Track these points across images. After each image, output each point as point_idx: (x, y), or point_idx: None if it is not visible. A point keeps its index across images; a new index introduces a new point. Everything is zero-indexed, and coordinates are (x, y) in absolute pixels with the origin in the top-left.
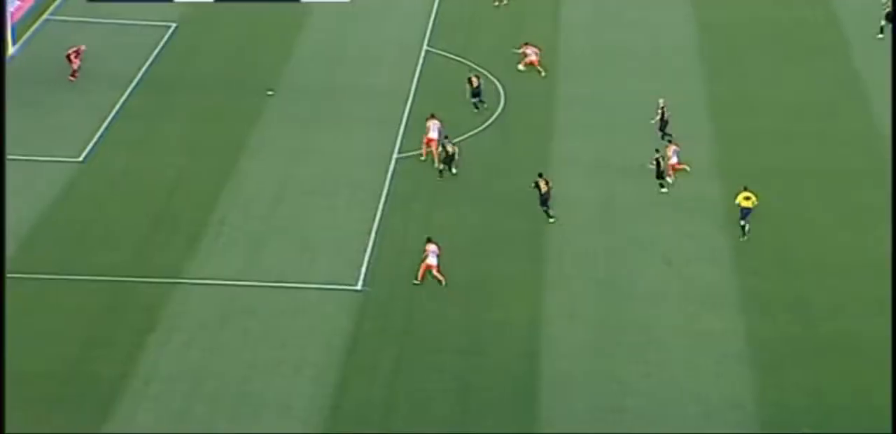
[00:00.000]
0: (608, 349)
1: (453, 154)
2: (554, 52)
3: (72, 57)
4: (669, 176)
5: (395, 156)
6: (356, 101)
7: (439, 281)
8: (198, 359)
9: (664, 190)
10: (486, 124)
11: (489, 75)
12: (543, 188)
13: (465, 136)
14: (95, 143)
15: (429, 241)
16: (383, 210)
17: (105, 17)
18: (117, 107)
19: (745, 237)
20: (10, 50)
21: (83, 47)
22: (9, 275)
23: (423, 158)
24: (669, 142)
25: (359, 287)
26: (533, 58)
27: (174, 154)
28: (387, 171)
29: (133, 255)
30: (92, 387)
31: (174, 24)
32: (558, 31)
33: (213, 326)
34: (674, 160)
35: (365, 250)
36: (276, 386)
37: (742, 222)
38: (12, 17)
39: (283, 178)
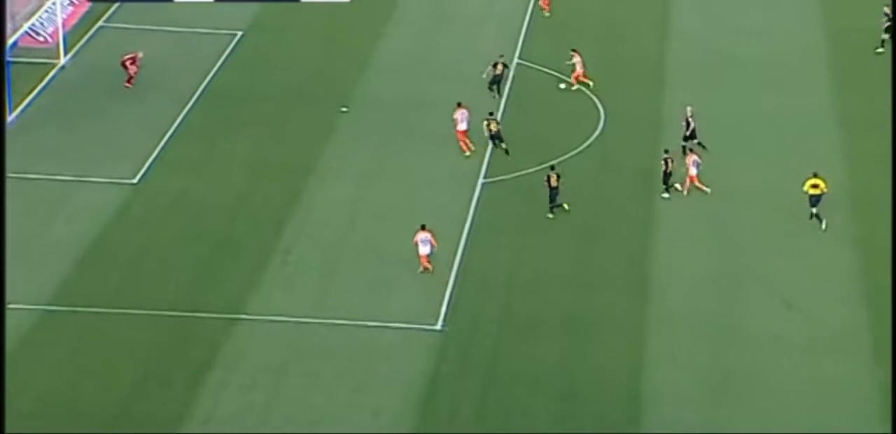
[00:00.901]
0: (717, 397)
1: (498, 132)
2: (660, 64)
3: (127, 64)
4: (686, 189)
5: (480, 180)
6: (439, 119)
7: (426, 269)
8: (261, 401)
9: (665, 196)
10: (585, 146)
11: (585, 90)
12: (554, 183)
13: (562, 158)
14: (151, 163)
15: (422, 228)
16: (467, 240)
17: (164, 25)
18: (176, 123)
19: (823, 227)
20: (62, 59)
21: (140, 54)
22: (57, 307)
23: (467, 154)
24: (690, 151)
25: (439, 326)
26: (579, 70)
27: (237, 175)
28: (471, 197)
29: (191, 287)
30: (146, 429)
31: (240, 33)
32: (666, 39)
33: (278, 367)
34: (693, 172)
35: (446, 285)
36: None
37: (813, 210)
38: (64, 24)
39: (356, 202)
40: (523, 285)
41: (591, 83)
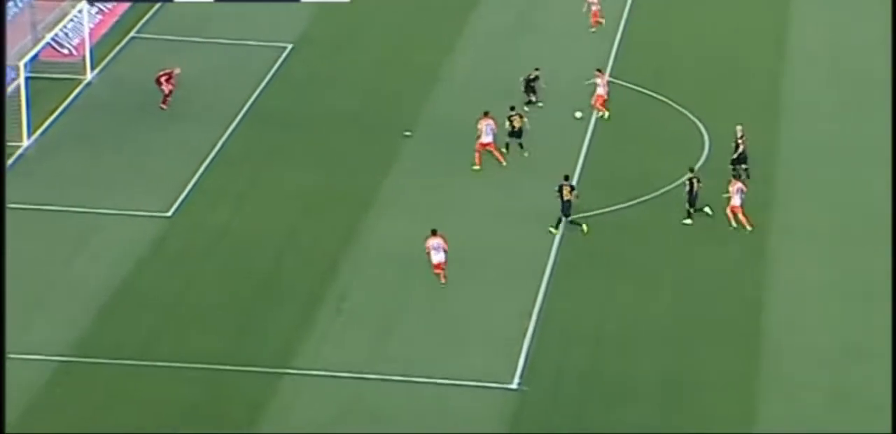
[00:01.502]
0: None
1: (521, 129)
2: (776, 86)
3: (162, 81)
4: (731, 220)
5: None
6: (524, 144)
7: (439, 276)
8: None
9: (687, 222)
10: (685, 178)
11: (689, 114)
12: (566, 196)
13: (660, 191)
14: (188, 194)
15: (433, 234)
16: (548, 285)
17: (205, 36)
18: (216, 148)
19: None
20: (88, 75)
21: (177, 70)
22: (79, 359)
23: (476, 168)
24: (736, 178)
25: (514, 385)
26: (600, 92)
27: (284, 209)
28: (553, 236)
29: (231, 337)
30: None
31: (290, 46)
32: (782, 55)
33: (330, 429)
34: (736, 201)
35: (523, 337)
36: None
37: None
38: (91, 35)
39: (419, 241)
40: (613, 338)
41: (606, 113)
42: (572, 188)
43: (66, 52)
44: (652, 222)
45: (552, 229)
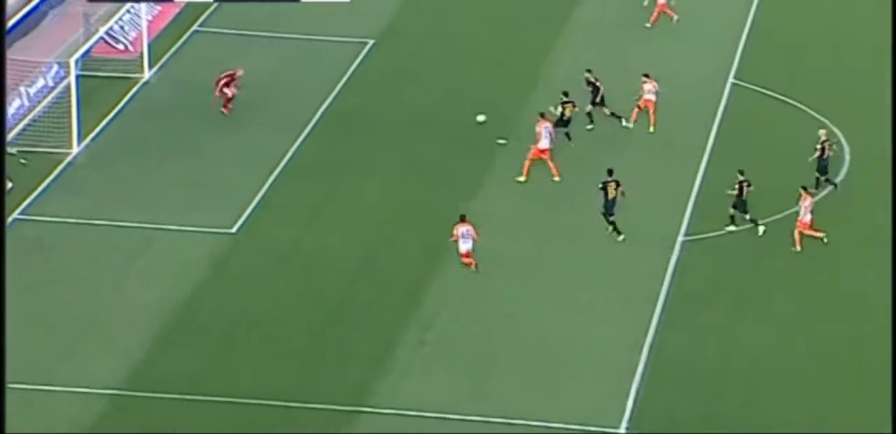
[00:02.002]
0: None
1: (571, 118)
2: None
3: (221, 84)
4: (796, 241)
5: (680, 238)
6: (626, 156)
7: (469, 265)
8: None
9: (730, 228)
10: (820, 196)
11: (827, 122)
12: (612, 193)
13: (789, 211)
14: (254, 208)
15: (462, 220)
16: (661, 317)
17: (275, 30)
18: (286, 157)
19: None
20: (145, 74)
21: (239, 72)
22: (130, 392)
23: (521, 180)
24: (806, 190)
25: (623, 430)
26: (650, 98)
27: (362, 226)
28: (668, 261)
29: (300, 370)
30: None
31: (371, 41)
32: None
33: None
34: (807, 218)
35: (633, 375)
36: None
37: None
38: (150, 29)
39: (516, 265)
40: (735, 377)
41: (630, 124)
42: (618, 184)
43: (121, 47)
44: (780, 245)
45: (612, 231)
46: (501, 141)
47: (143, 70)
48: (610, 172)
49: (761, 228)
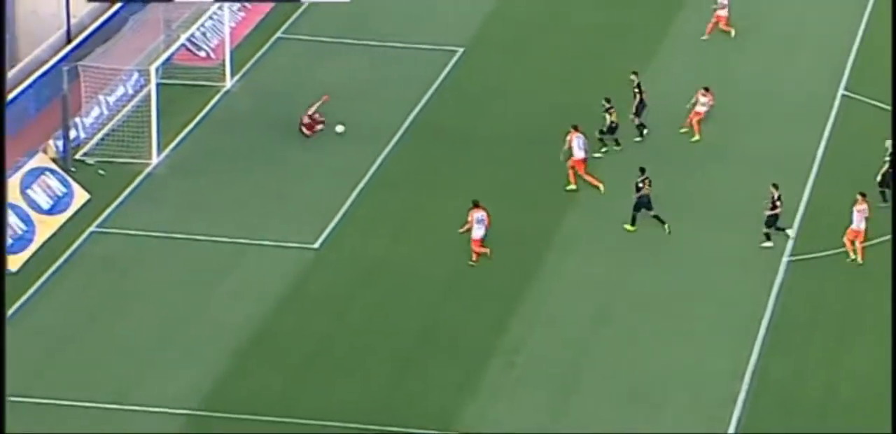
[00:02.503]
0: None
1: (617, 125)
2: None
3: (305, 123)
4: (851, 249)
5: (785, 258)
6: (725, 172)
7: (477, 254)
8: None
9: (767, 244)
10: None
11: None
12: (645, 190)
13: (877, 240)
14: (338, 223)
15: (475, 206)
16: (764, 341)
17: (360, 38)
18: (371, 170)
19: None
20: (227, 82)
21: (325, 98)
22: (209, 413)
23: (571, 187)
24: (863, 196)
25: None
26: (700, 110)
27: (451, 243)
28: (772, 282)
29: (384, 392)
30: None
31: (461, 49)
32: None
33: None
34: (861, 225)
35: (733, 403)
36: None
37: None
38: (232, 35)
39: (608, 285)
40: (842, 406)
41: (697, 135)
42: (649, 181)
43: (203, 54)
44: (889, 266)
45: (628, 227)
46: (597, 155)
47: (225, 78)
48: (643, 171)
49: (789, 231)
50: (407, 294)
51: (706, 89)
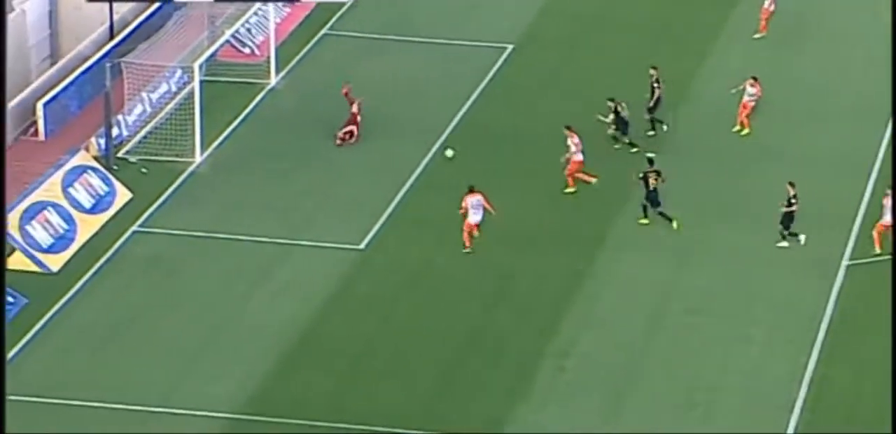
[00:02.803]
0: None
1: (627, 120)
2: None
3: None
4: (877, 243)
5: (845, 262)
6: (781, 171)
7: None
8: None
9: (783, 244)
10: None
11: None
12: (652, 184)
13: None
14: (384, 223)
15: (471, 190)
16: (823, 347)
17: (408, 34)
18: (419, 169)
19: None
20: (272, 79)
21: (357, 104)
22: (251, 417)
23: (570, 190)
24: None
25: None
26: (748, 101)
27: (500, 245)
28: (830, 286)
29: (431, 396)
30: None
31: (510, 46)
32: None
33: None
34: (886, 218)
35: (790, 410)
36: None
37: None
38: (278, 32)
39: (662, 287)
40: None
41: (746, 129)
42: (658, 174)
43: (247, 51)
44: None
45: (642, 220)
46: (650, 155)
47: (270, 75)
48: (651, 162)
49: (803, 237)
50: (454, 296)
51: (755, 79)
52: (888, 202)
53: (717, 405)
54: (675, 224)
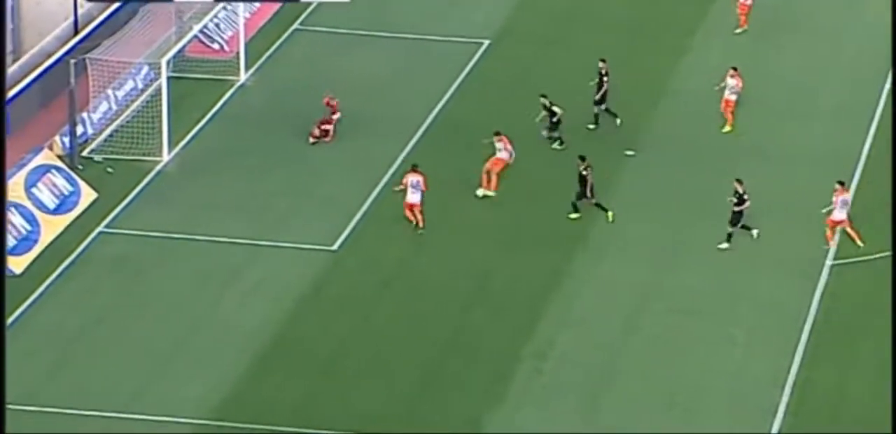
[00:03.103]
0: None
1: (559, 120)
2: None
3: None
4: (830, 240)
5: (828, 262)
6: (764, 170)
7: (415, 223)
8: None
9: (723, 246)
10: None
11: None
12: (589, 180)
13: None
14: (357, 223)
15: (413, 169)
16: (806, 350)
17: (382, 29)
18: (392, 168)
19: None
20: (241, 76)
21: (334, 101)
22: (223, 423)
23: (485, 193)
24: (842, 184)
25: None
26: (729, 96)
27: (476, 244)
28: (814, 287)
29: (407, 400)
30: None
31: (486, 41)
32: None
33: None
34: (839, 215)
35: (772, 415)
36: None
37: None
38: (247, 27)
39: (642, 287)
40: (888, 417)
41: (729, 126)
42: (588, 166)
43: (216, 47)
44: None
45: (572, 215)
46: (629, 153)
47: (240, 72)
48: (583, 159)
49: (755, 231)
50: (430, 298)
51: (734, 69)
52: (838, 198)
53: (698, 407)
54: (610, 215)
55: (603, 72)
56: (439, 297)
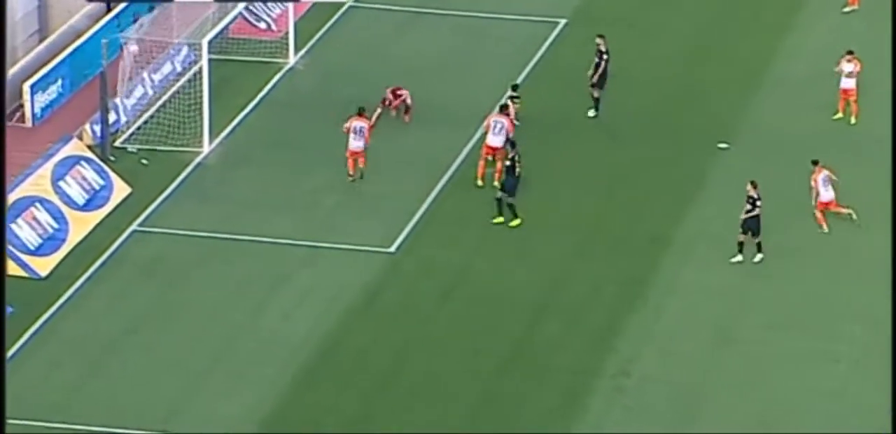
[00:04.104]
0: None
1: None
2: None
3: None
4: (822, 222)
5: None
6: (879, 168)
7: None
8: None
9: (737, 259)
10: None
11: None
12: (517, 169)
13: None
14: (416, 223)
15: (359, 114)
16: None
17: (446, 7)
18: (456, 162)
19: None
20: (290, 58)
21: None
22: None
23: (479, 183)
24: (815, 163)
25: None
26: (847, 86)
27: (548, 248)
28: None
29: (467, 418)
30: None
31: (563, 21)
32: None
33: None
34: (826, 196)
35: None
36: None
37: None
38: (296, 6)
39: (734, 297)
40: None
41: (852, 116)
42: (519, 158)
43: (262, 26)
44: None
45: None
46: (722, 145)
47: (288, 54)
48: (513, 144)
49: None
50: (494, 307)
51: (850, 53)
52: (818, 177)
53: (795, 430)
54: (517, 222)
55: (603, 49)
56: (504, 307)
